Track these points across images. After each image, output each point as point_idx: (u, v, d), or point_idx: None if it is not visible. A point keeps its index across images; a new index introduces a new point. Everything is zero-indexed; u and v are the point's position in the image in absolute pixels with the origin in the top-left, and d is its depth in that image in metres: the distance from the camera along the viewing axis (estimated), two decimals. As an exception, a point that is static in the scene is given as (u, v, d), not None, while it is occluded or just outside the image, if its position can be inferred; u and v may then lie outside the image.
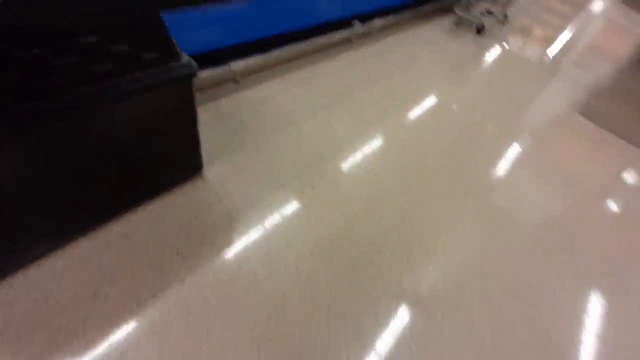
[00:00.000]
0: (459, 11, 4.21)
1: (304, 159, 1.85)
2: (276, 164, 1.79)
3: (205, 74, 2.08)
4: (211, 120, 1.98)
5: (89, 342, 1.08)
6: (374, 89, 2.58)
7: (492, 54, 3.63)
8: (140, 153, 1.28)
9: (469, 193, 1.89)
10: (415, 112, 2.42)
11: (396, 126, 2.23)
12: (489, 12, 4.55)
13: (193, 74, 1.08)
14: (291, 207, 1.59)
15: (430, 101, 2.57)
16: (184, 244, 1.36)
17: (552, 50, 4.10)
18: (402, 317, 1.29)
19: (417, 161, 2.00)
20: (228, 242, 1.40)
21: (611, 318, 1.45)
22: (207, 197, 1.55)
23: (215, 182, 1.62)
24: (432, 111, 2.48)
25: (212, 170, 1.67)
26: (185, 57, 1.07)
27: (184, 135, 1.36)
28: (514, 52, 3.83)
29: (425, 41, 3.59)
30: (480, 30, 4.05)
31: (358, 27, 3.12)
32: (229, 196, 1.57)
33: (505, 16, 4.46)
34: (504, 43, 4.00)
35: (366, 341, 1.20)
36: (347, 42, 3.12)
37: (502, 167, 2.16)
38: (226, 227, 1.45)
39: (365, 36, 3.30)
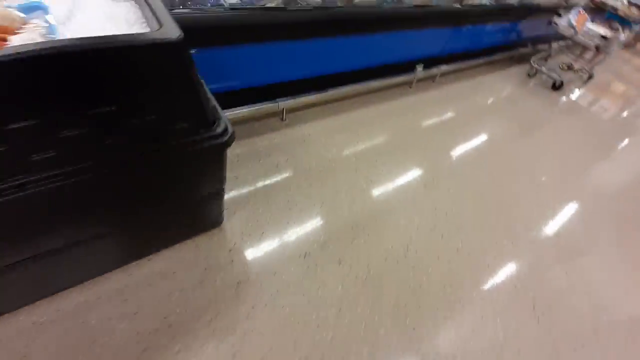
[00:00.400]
0: (535, 62, 3.73)
1: (335, 224, 1.58)
2: (304, 225, 1.54)
3: (252, 110, 1.92)
4: (247, 158, 1.80)
5: None
6: (427, 142, 2.25)
7: (568, 115, 3.11)
8: (159, 207, 1.11)
9: (527, 277, 1.49)
10: (471, 177, 2.04)
11: (447, 195, 1.87)
12: (570, 67, 3.99)
13: (227, 144, 0.88)
14: (310, 289, 1.32)
15: (488, 164, 2.18)
16: (180, 315, 1.15)
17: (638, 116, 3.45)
18: None
19: (468, 240, 1.63)
20: (228, 324, 1.16)
21: None
22: (220, 257, 1.34)
23: (232, 240, 1.41)
24: (490, 176, 2.08)
25: (233, 223, 1.47)
26: (222, 124, 0.87)
27: (209, 193, 1.16)
28: (594, 115, 3.26)
29: (492, 92, 3.18)
30: (558, 87, 3.53)
31: (420, 72, 2.83)
32: (243, 261, 1.35)
33: (590, 75, 3.87)
34: (583, 103, 3.44)
35: None
36: (405, 85, 2.84)
37: (569, 245, 1.74)
38: (231, 301, 1.22)
39: (426, 80, 2.99)
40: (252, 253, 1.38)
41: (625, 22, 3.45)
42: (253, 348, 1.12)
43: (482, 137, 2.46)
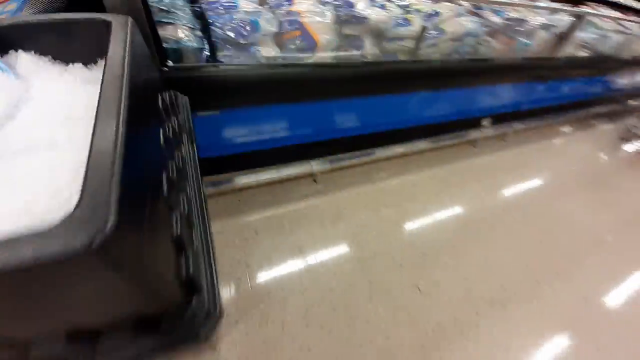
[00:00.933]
0: (630, 124, 3.04)
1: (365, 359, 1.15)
2: (320, 356, 1.13)
3: (281, 174, 1.60)
4: (265, 234, 1.45)
5: None
6: (496, 230, 1.72)
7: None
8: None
9: None
10: (558, 299, 1.47)
11: (525, 325, 1.35)
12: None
13: (204, 335, 0.53)
14: None
15: (579, 276, 1.60)
16: None
17: None
18: None
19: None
20: None
21: None
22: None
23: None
24: (582, 296, 1.52)
25: (229, 339, 1.11)
26: (201, 303, 0.52)
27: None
28: None
29: (578, 159, 2.56)
30: (664, 159, 2.80)
31: (487, 130, 2.34)
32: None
33: None
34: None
35: None
36: (468, 144, 2.36)
37: None
38: None
39: (495, 138, 2.48)
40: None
41: None
42: None
43: (566, 228, 1.89)
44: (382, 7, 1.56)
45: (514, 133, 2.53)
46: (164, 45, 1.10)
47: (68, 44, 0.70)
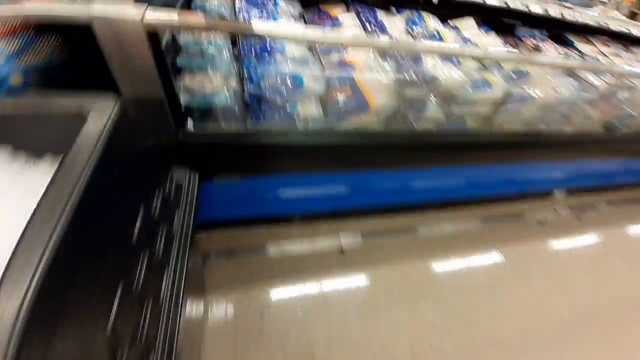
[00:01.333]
0: None
1: None
2: None
3: (305, 247, 1.37)
4: (277, 321, 1.22)
5: None
6: (563, 351, 1.34)
7: None
8: None
9: None
10: None
11: None
12: None
13: None
14: None
15: None
16: None
17: None
18: None
19: None
20: None
21: None
22: None
23: None
24: None
25: None
26: None
27: None
28: None
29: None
30: None
31: (559, 206, 1.92)
32: None
33: None
34: None
35: None
36: (533, 221, 1.95)
37: None
38: None
39: (567, 217, 2.04)
40: None
41: None
42: None
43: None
44: (455, 60, 1.27)
45: (593, 211, 2.07)
46: (187, 98, 0.91)
47: (35, 133, 0.51)
